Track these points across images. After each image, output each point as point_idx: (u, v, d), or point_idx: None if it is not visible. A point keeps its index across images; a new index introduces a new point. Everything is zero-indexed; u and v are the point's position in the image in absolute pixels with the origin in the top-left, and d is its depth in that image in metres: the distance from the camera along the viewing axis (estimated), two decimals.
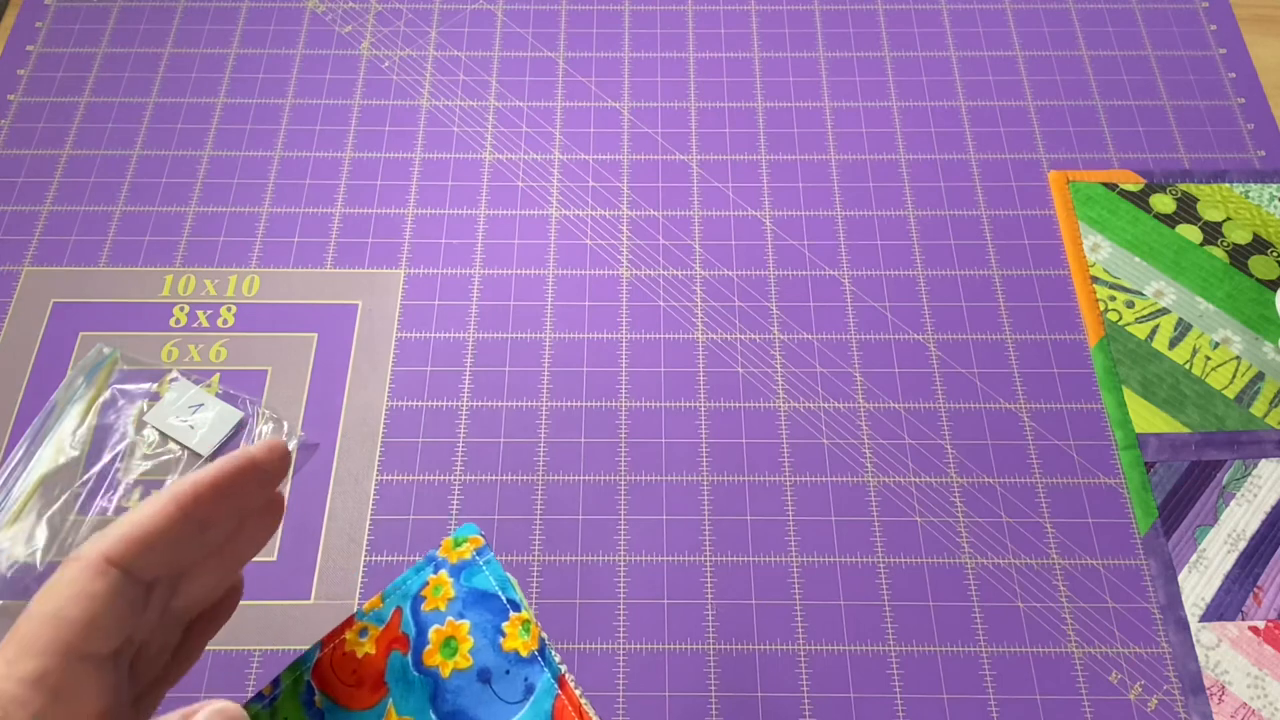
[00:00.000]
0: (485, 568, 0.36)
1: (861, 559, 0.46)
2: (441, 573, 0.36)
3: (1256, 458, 0.48)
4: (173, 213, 0.56)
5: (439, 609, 0.35)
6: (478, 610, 0.35)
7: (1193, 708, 0.43)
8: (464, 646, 0.34)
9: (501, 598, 0.35)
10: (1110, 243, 0.55)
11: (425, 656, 0.34)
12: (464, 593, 0.35)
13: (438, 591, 0.35)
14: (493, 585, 0.35)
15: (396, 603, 0.35)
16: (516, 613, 0.35)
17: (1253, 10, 0.64)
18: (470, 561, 0.36)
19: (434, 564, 0.36)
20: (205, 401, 0.49)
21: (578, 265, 0.54)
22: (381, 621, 0.35)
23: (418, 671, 0.34)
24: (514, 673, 0.34)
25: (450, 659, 0.34)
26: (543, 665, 0.35)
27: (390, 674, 0.34)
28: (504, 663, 0.34)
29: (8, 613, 0.44)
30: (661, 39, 0.63)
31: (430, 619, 0.35)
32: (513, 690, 0.34)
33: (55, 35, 0.63)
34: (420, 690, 0.34)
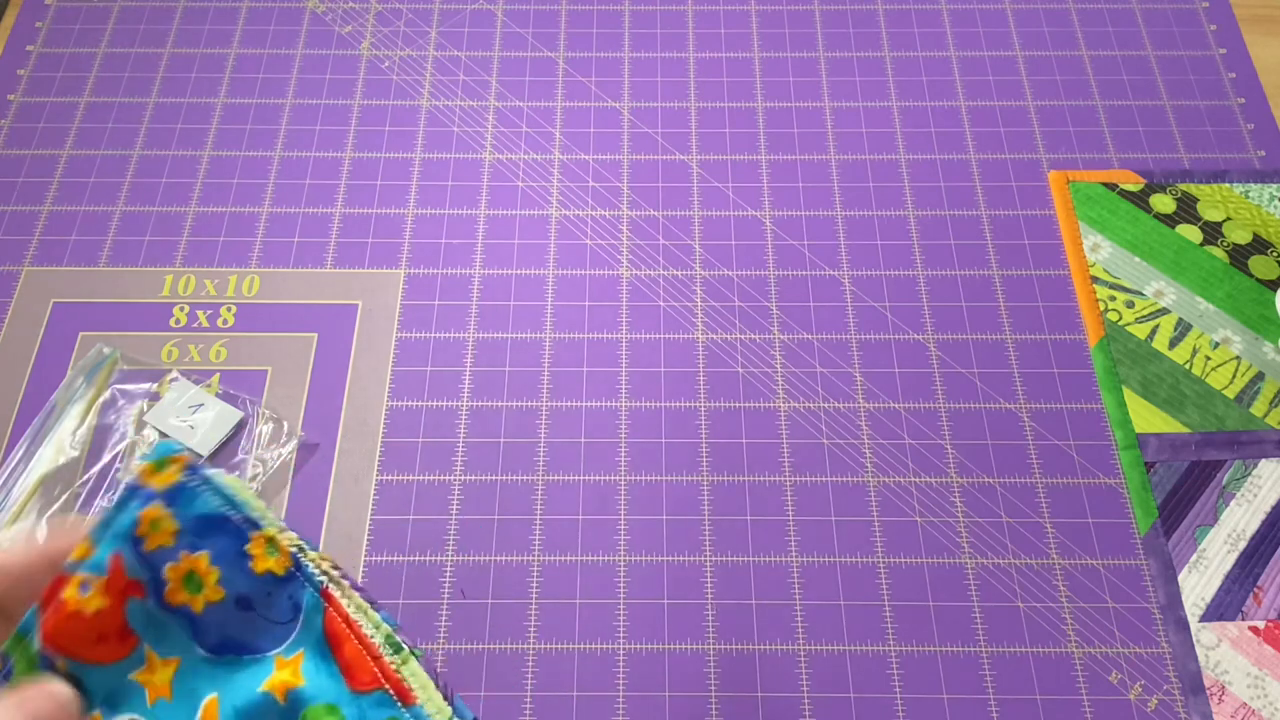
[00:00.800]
0: (203, 489, 0.31)
1: (861, 559, 0.46)
2: (154, 504, 0.30)
3: (1256, 458, 0.48)
4: (173, 213, 0.56)
5: (165, 545, 0.30)
6: (212, 537, 0.30)
7: (1193, 708, 0.43)
8: (210, 579, 0.30)
9: (234, 519, 0.30)
10: (1110, 243, 0.55)
11: (168, 596, 0.30)
12: (189, 521, 0.30)
13: (156, 526, 0.30)
14: (219, 507, 0.31)
15: (111, 546, 0.30)
16: (257, 531, 0.31)
17: (1253, 10, 0.64)
18: (182, 485, 0.31)
19: (140, 495, 0.30)
20: (205, 401, 0.49)
21: (578, 265, 0.54)
22: (101, 570, 0.30)
23: (165, 613, 0.30)
24: (276, 593, 0.31)
25: (198, 594, 0.30)
26: (303, 581, 0.31)
27: (133, 620, 0.30)
28: (262, 585, 0.30)
29: None
30: (661, 39, 0.63)
31: (160, 557, 0.30)
32: (279, 610, 0.31)
33: (55, 35, 0.63)
34: (175, 629, 0.30)
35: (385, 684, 0.30)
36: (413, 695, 0.30)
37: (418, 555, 0.46)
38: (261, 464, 0.48)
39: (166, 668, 0.30)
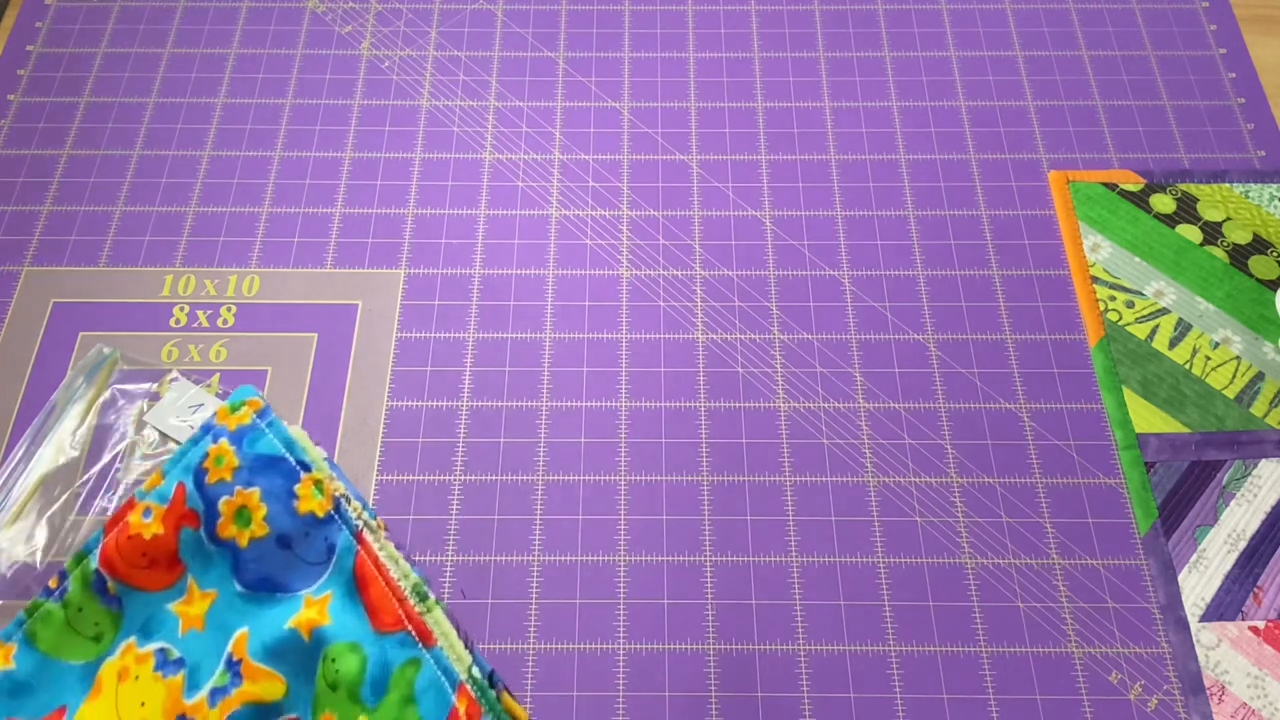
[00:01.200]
0: (268, 430, 0.34)
1: (861, 559, 0.46)
2: (222, 441, 0.33)
3: (1256, 458, 0.48)
4: (173, 213, 0.56)
5: (225, 479, 0.33)
6: (266, 476, 0.33)
7: (1193, 708, 0.43)
8: (258, 514, 0.32)
9: (290, 460, 0.33)
10: (1110, 243, 0.55)
11: (219, 529, 0.32)
12: (249, 460, 0.33)
13: (220, 462, 0.33)
14: (278, 448, 0.33)
15: (178, 477, 0.33)
16: (307, 473, 0.33)
17: (1253, 10, 0.64)
18: (251, 426, 0.34)
19: (212, 432, 0.34)
20: (205, 401, 0.49)
21: (578, 265, 0.54)
22: (165, 499, 0.33)
23: (213, 544, 0.33)
24: (313, 534, 0.33)
25: (245, 528, 0.32)
26: (340, 523, 0.33)
27: (184, 550, 0.33)
28: (302, 526, 0.33)
29: (8, 612, 0.44)
30: (661, 39, 0.63)
31: (217, 491, 0.33)
32: (314, 551, 0.33)
33: (55, 35, 0.63)
34: (220, 562, 0.32)
35: (408, 626, 0.31)
36: (434, 638, 0.31)
37: (418, 555, 0.46)
38: None
39: (204, 600, 0.32)
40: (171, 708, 0.30)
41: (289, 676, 0.31)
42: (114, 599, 0.32)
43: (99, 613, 0.32)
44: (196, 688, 0.31)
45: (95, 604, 0.32)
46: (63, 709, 0.31)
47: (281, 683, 0.30)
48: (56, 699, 0.31)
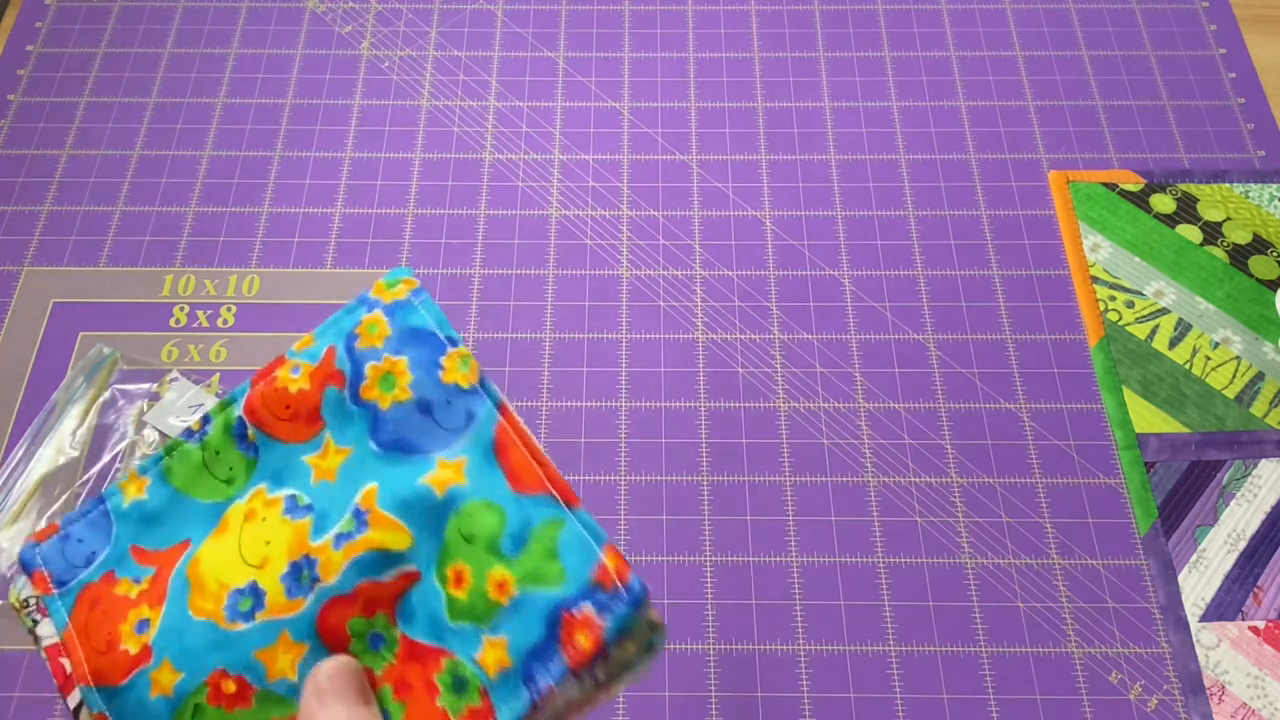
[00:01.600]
0: (421, 306, 0.35)
1: (861, 559, 0.46)
2: (376, 311, 0.35)
3: (1256, 458, 0.48)
4: (173, 213, 0.56)
5: (374, 346, 0.34)
6: (415, 346, 0.34)
7: (1193, 708, 0.43)
8: (402, 380, 0.33)
9: (439, 334, 0.34)
10: (1110, 243, 0.55)
11: (362, 391, 0.34)
12: (400, 330, 0.34)
13: (372, 330, 0.34)
14: (429, 323, 0.35)
15: (330, 340, 0.34)
16: (455, 348, 0.34)
17: (1253, 10, 0.64)
18: (405, 301, 0.35)
19: (367, 304, 0.35)
20: (205, 401, 0.49)
21: (578, 265, 0.54)
22: (314, 359, 0.34)
23: (355, 405, 0.34)
24: (455, 403, 0.34)
25: (389, 392, 0.33)
26: (483, 395, 0.34)
27: (326, 407, 0.34)
28: (444, 394, 0.34)
29: (7, 613, 0.44)
30: (661, 39, 0.63)
31: (366, 355, 0.34)
32: (454, 419, 0.34)
33: (55, 35, 0.63)
34: (359, 421, 0.33)
35: (551, 489, 0.32)
36: (578, 499, 0.32)
37: None
38: None
39: (338, 455, 0.34)
40: (296, 546, 0.32)
41: (416, 529, 0.32)
42: (251, 446, 0.34)
43: (235, 457, 0.34)
44: (322, 531, 0.32)
45: (232, 448, 0.34)
46: (187, 541, 0.33)
47: (407, 534, 0.31)
48: (182, 531, 0.33)
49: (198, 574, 0.32)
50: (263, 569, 0.31)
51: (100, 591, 0.32)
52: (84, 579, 0.33)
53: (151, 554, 0.33)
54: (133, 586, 0.32)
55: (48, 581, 0.33)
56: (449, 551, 0.31)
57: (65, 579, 0.33)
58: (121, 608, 0.32)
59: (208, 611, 0.31)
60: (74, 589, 0.33)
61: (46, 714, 0.42)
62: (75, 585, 0.33)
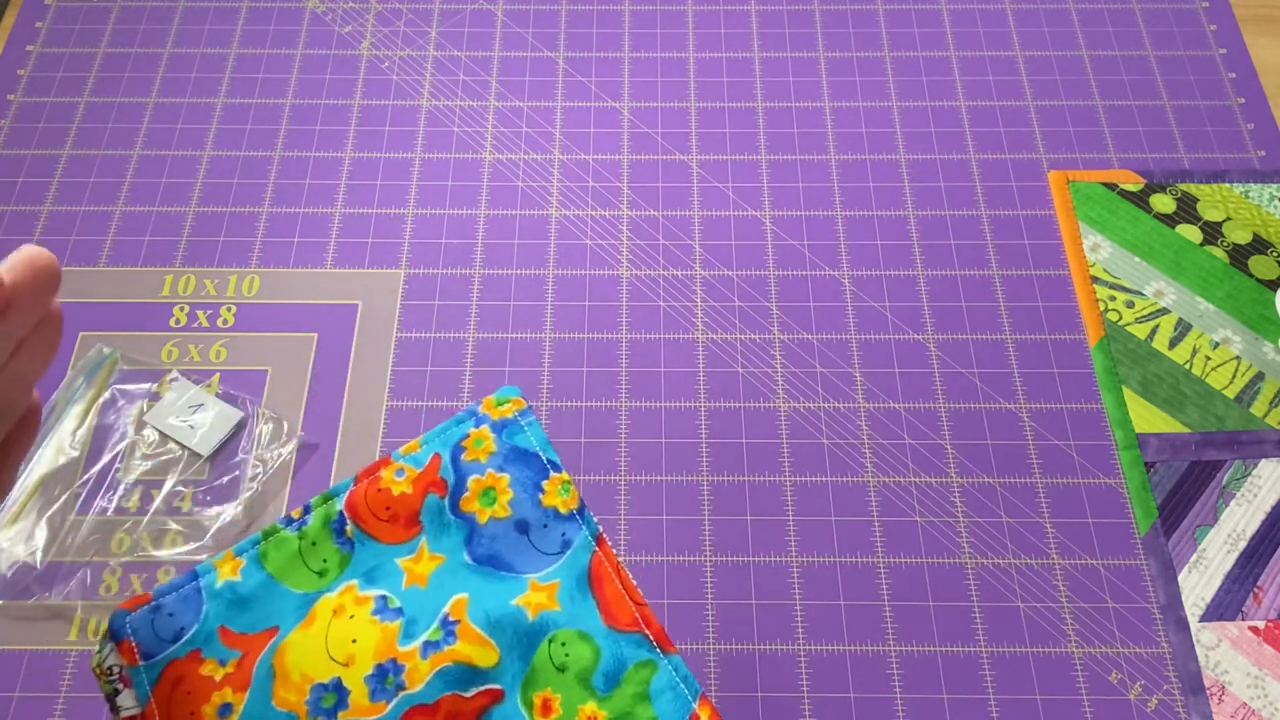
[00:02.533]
0: (527, 428, 0.37)
1: (861, 559, 0.46)
2: (483, 427, 0.36)
3: (1256, 458, 0.48)
4: (173, 213, 0.56)
5: (479, 460, 0.35)
6: (518, 466, 0.35)
7: (1193, 708, 0.43)
8: (503, 498, 0.35)
9: (542, 457, 0.36)
10: (1110, 243, 0.55)
11: (463, 503, 0.34)
12: (505, 448, 0.36)
13: (479, 444, 0.36)
14: (534, 445, 0.36)
15: (435, 449, 0.36)
16: (557, 473, 0.36)
17: (1253, 10, 0.64)
18: (512, 420, 0.37)
19: (475, 418, 0.36)
20: (205, 401, 0.49)
21: (578, 265, 0.54)
22: (419, 465, 0.35)
23: (454, 515, 0.34)
24: (552, 527, 0.35)
25: (489, 507, 0.34)
26: (581, 523, 0.35)
27: (425, 513, 0.35)
28: (543, 517, 0.35)
29: (8, 612, 0.44)
30: (661, 39, 0.63)
31: (470, 468, 0.35)
32: (550, 543, 0.34)
33: (55, 35, 0.63)
34: (455, 532, 0.34)
35: (645, 629, 0.33)
36: (673, 645, 0.33)
37: None
38: (261, 464, 0.48)
39: (432, 562, 0.34)
40: (384, 649, 0.32)
41: (504, 648, 0.32)
42: (348, 541, 0.34)
43: (331, 550, 0.34)
44: (411, 637, 0.32)
45: (329, 542, 0.34)
46: (275, 629, 0.33)
47: (495, 652, 0.32)
48: (271, 619, 0.33)
49: (283, 664, 0.32)
50: (348, 667, 0.32)
51: (185, 669, 0.33)
52: (171, 654, 0.33)
53: (239, 637, 0.33)
54: (218, 668, 0.32)
55: (134, 653, 0.33)
56: (537, 677, 0.32)
57: (153, 652, 0.33)
58: (205, 689, 0.32)
59: (290, 704, 0.31)
60: (160, 663, 0.33)
61: (46, 714, 0.42)
62: (162, 659, 0.33)
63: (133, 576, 0.45)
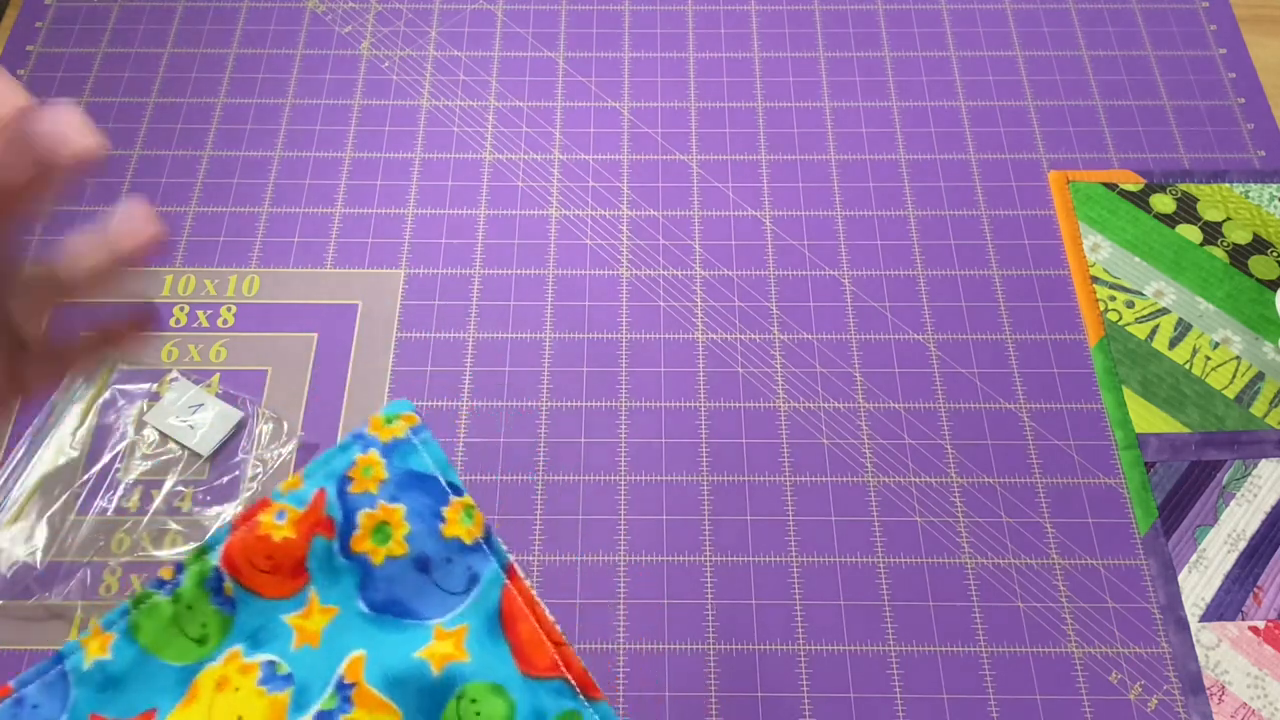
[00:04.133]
0: (422, 447, 0.32)
1: (861, 559, 0.46)
2: (371, 451, 0.31)
3: (1256, 458, 0.48)
4: (173, 213, 0.56)
5: (369, 491, 0.31)
6: (414, 494, 0.31)
7: (1193, 708, 0.43)
8: (399, 532, 0.30)
9: (441, 480, 0.31)
10: (1110, 243, 0.55)
11: (354, 542, 0.30)
12: (398, 474, 0.31)
13: (367, 472, 0.31)
14: (430, 467, 0.31)
15: (319, 483, 0.31)
16: (458, 497, 0.31)
17: (1253, 10, 0.64)
18: (404, 440, 0.32)
19: (362, 441, 0.32)
20: (205, 401, 0.49)
21: (578, 265, 0.54)
22: (302, 503, 0.31)
23: (345, 557, 0.30)
24: (456, 561, 0.31)
25: (383, 545, 0.30)
26: (488, 553, 0.31)
27: (312, 559, 0.30)
28: (445, 550, 0.31)
29: (8, 613, 0.44)
30: (661, 39, 0.63)
31: (359, 501, 0.31)
32: (455, 579, 0.30)
33: (55, 35, 0.63)
34: (347, 577, 0.30)
35: (565, 673, 0.29)
36: (597, 689, 0.29)
37: None
38: (261, 464, 0.48)
39: (324, 615, 0.30)
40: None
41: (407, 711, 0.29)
42: (228, 601, 0.30)
43: (209, 613, 0.30)
44: (303, 708, 0.29)
45: (207, 603, 0.30)
46: (153, 711, 0.30)
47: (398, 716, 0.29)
48: (148, 699, 0.30)
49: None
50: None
51: None
52: None
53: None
54: None
55: None
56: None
57: None
58: None
59: None
60: None
61: None
62: None
63: (133, 576, 0.45)
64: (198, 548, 0.30)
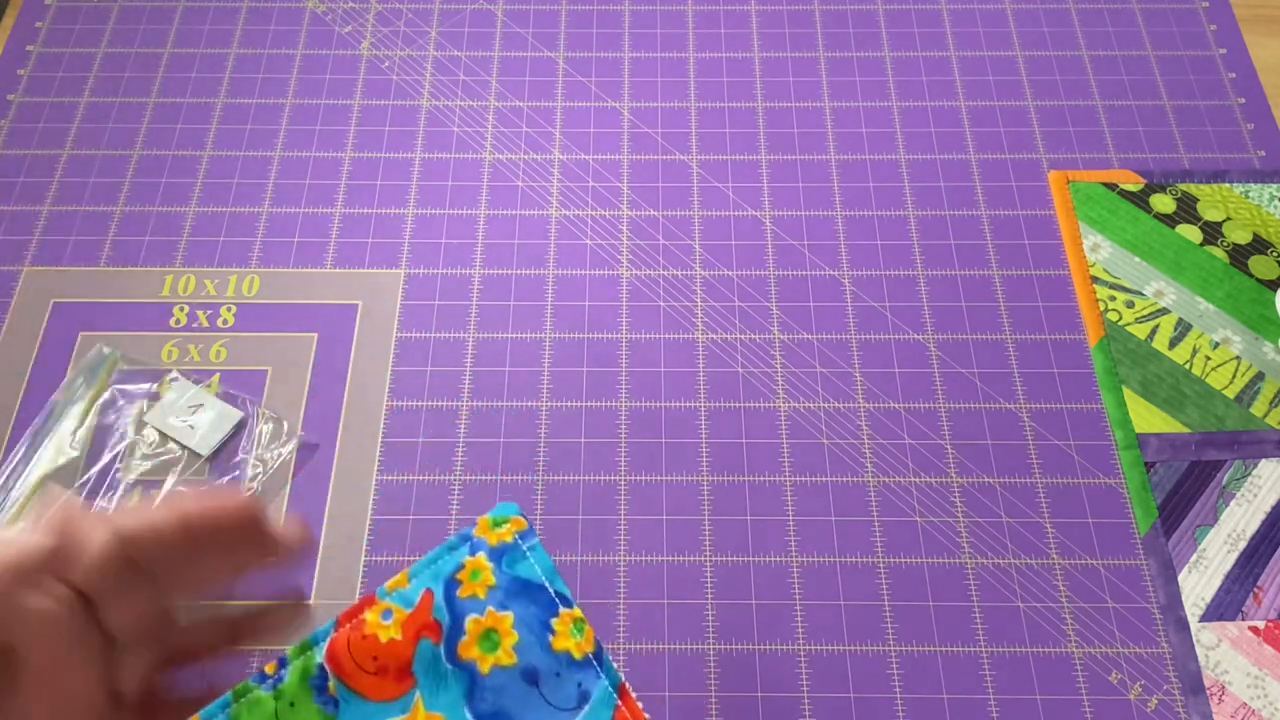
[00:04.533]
0: (530, 554, 0.31)
1: (861, 559, 0.46)
2: (479, 555, 0.31)
3: (1256, 458, 0.48)
4: (173, 213, 0.56)
5: (477, 596, 0.30)
6: (522, 602, 0.30)
7: (1193, 708, 0.43)
8: (507, 641, 0.30)
9: (549, 590, 0.31)
10: (1110, 243, 0.55)
11: (461, 648, 0.30)
12: (506, 581, 0.31)
13: (475, 576, 0.30)
14: (539, 575, 0.31)
15: (426, 583, 0.31)
16: (568, 609, 0.31)
17: (1253, 10, 0.64)
18: (512, 546, 0.31)
19: (470, 544, 0.31)
20: (205, 401, 0.49)
21: (578, 265, 0.54)
22: (409, 604, 0.30)
23: (451, 664, 0.30)
24: (565, 676, 0.30)
25: (491, 654, 0.30)
26: (599, 671, 0.30)
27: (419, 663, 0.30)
28: (554, 664, 0.30)
29: None
30: (661, 39, 0.63)
31: (467, 606, 0.30)
32: (564, 695, 0.30)
33: (55, 35, 0.63)
34: (454, 684, 0.30)
35: None
36: None
37: (419, 555, 0.46)
38: (261, 464, 0.48)
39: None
40: None
41: None
42: (331, 700, 0.29)
43: (312, 711, 0.29)
44: None
45: (309, 701, 0.29)
46: None
47: None
48: None
49: None
50: None
51: None
52: None
53: None
54: None
55: None
56: None
57: None
58: None
59: None
60: None
61: None
62: None
63: None
64: (301, 642, 0.30)
